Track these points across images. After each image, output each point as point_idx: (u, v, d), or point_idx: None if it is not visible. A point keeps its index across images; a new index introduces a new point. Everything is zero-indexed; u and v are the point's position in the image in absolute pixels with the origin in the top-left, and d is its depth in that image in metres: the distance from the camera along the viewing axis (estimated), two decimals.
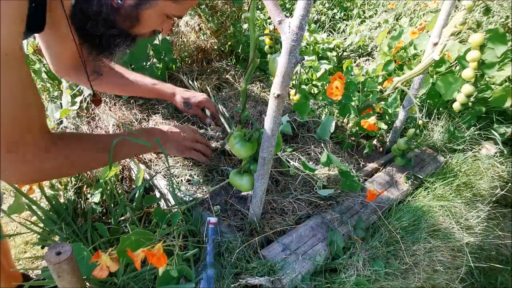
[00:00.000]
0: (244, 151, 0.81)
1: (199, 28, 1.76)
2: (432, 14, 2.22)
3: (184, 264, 0.76)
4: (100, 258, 0.61)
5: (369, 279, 0.88)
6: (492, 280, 1.30)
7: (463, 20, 0.91)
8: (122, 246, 0.69)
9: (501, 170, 1.34)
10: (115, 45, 0.72)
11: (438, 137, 1.41)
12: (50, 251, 0.50)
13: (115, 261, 0.63)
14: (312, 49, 2.12)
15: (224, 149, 1.19)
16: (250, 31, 0.70)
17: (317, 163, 1.21)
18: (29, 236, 1.15)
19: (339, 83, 1.09)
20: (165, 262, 0.65)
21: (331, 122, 1.31)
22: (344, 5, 3.11)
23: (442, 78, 1.40)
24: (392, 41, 1.75)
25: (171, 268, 0.69)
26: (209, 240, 0.83)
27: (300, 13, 0.54)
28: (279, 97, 0.65)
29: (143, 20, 0.68)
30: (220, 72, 1.73)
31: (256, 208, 0.88)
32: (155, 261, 0.64)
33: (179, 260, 0.73)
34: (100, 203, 1.06)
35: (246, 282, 0.77)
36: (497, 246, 1.25)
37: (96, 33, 0.68)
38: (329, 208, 1.03)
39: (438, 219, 1.11)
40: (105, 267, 0.61)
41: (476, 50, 0.98)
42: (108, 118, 1.26)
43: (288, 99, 1.52)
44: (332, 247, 0.92)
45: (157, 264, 0.64)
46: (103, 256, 0.61)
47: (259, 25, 2.35)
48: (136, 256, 0.63)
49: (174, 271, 0.69)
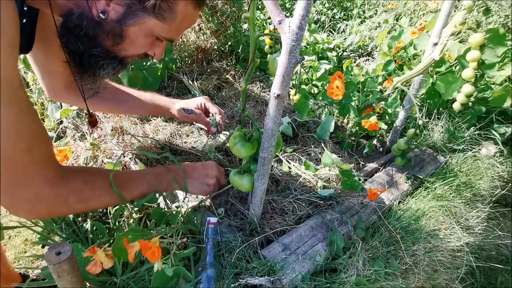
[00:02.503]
0: (244, 151, 0.81)
1: (199, 28, 1.77)
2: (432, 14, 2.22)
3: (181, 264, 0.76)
4: (95, 253, 0.61)
5: (369, 279, 0.88)
6: (492, 280, 1.30)
7: (463, 20, 0.91)
8: (118, 244, 0.69)
9: (501, 170, 1.34)
10: (98, 67, 0.65)
11: (438, 137, 1.41)
12: (50, 251, 0.50)
13: (109, 258, 0.62)
14: (312, 49, 2.12)
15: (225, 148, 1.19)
16: (250, 31, 0.70)
17: (317, 163, 1.21)
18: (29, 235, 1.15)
19: (340, 83, 1.09)
20: (159, 257, 0.64)
21: (331, 122, 1.31)
22: (344, 5, 3.12)
23: (442, 78, 1.40)
24: (392, 41, 1.75)
25: (166, 267, 0.69)
26: (209, 240, 0.83)
27: (300, 13, 0.54)
28: (279, 97, 0.65)
29: (127, 38, 0.62)
30: (220, 72, 1.73)
31: (256, 208, 0.88)
32: (149, 254, 0.63)
33: (176, 259, 0.72)
34: None
35: (246, 282, 0.77)
36: (497, 246, 1.25)
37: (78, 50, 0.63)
38: (329, 208, 1.03)
39: (438, 219, 1.11)
40: (99, 262, 0.61)
41: (476, 50, 0.98)
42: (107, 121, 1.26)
43: (288, 99, 1.52)
44: (332, 247, 0.92)
45: (151, 258, 0.63)
46: (98, 252, 0.61)
47: (259, 25, 2.35)
48: (131, 248, 0.63)
49: (169, 270, 0.69)
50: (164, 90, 1.54)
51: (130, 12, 0.59)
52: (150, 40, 0.65)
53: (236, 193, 1.04)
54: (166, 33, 0.65)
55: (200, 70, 1.70)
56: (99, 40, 0.62)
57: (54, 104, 1.30)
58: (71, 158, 1.11)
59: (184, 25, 0.67)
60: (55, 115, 1.28)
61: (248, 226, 0.92)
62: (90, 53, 0.63)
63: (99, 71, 0.66)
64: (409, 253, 0.98)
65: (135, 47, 0.66)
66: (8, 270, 0.87)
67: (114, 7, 0.58)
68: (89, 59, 0.64)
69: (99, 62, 0.65)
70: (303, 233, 0.93)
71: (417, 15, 2.44)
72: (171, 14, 0.61)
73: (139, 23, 0.60)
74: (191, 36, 1.74)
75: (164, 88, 1.56)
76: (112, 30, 0.60)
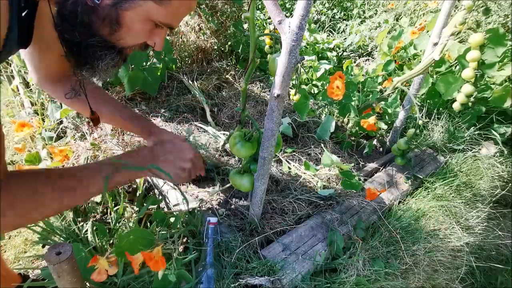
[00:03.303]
0: (244, 151, 0.81)
1: (199, 28, 1.76)
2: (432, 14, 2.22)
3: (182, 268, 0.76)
4: (98, 263, 0.60)
5: (369, 279, 0.88)
6: (492, 280, 1.30)
7: (463, 20, 0.91)
8: (120, 244, 0.69)
9: (501, 170, 1.34)
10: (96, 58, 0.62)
11: (438, 137, 1.41)
12: (50, 251, 0.50)
13: (113, 264, 0.62)
14: (312, 49, 2.12)
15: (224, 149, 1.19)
16: (250, 31, 0.70)
17: (317, 163, 1.21)
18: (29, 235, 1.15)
19: (340, 83, 1.09)
20: (163, 266, 0.64)
21: (331, 122, 1.31)
22: (344, 5, 3.12)
23: (442, 78, 1.40)
24: (392, 41, 1.75)
25: (169, 273, 0.69)
26: (209, 240, 0.83)
27: (300, 13, 0.54)
28: (279, 97, 0.65)
29: (124, 24, 0.59)
30: (220, 72, 1.73)
31: (256, 208, 0.88)
32: (152, 264, 0.63)
33: (178, 264, 0.72)
34: (101, 203, 1.06)
35: (246, 282, 0.77)
36: (497, 246, 1.25)
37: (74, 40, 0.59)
38: (329, 208, 1.03)
39: (438, 219, 1.11)
40: (103, 270, 0.61)
41: (476, 50, 0.98)
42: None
43: (288, 99, 1.52)
44: (332, 247, 0.92)
45: (154, 268, 0.63)
46: (100, 260, 0.61)
47: (259, 25, 2.35)
48: (135, 259, 0.63)
49: (172, 276, 0.68)
50: (164, 90, 1.54)
51: None
52: (148, 27, 0.63)
53: (236, 193, 1.04)
54: (163, 17, 0.62)
55: (200, 70, 1.70)
56: (95, 28, 0.59)
57: (54, 104, 1.30)
58: (72, 158, 1.11)
59: (181, 10, 0.64)
60: (55, 115, 1.28)
61: (248, 226, 0.92)
62: (87, 43, 0.60)
63: (98, 62, 0.63)
64: (409, 253, 0.98)
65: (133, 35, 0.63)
66: (7, 271, 0.87)
67: None
68: (86, 50, 0.61)
69: (97, 52, 0.62)
70: (303, 233, 0.93)
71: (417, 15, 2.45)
72: None
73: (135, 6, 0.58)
74: (191, 36, 1.74)
75: (164, 88, 1.56)
76: (108, 15, 0.58)
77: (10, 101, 1.62)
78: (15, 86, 1.58)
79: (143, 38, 0.65)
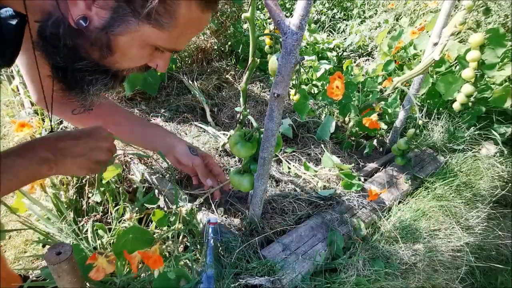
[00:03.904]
0: (244, 151, 0.81)
1: None
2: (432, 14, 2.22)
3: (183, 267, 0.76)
4: (97, 260, 0.61)
5: (369, 279, 0.88)
6: (492, 280, 1.30)
7: (463, 20, 0.91)
8: (119, 243, 0.69)
9: (501, 170, 1.34)
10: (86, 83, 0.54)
11: (438, 137, 1.41)
12: (50, 251, 0.50)
13: (112, 263, 0.62)
14: (312, 49, 2.12)
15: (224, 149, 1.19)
16: (250, 31, 0.70)
17: (317, 164, 1.21)
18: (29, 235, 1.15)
19: (340, 83, 1.09)
20: (161, 264, 0.64)
21: (331, 122, 1.31)
22: (344, 5, 3.12)
23: (442, 78, 1.40)
24: (392, 41, 1.75)
25: (169, 270, 0.69)
26: (209, 240, 0.83)
27: (300, 13, 0.54)
28: (279, 97, 0.65)
29: (117, 49, 0.51)
30: (220, 72, 1.73)
31: (256, 208, 0.88)
32: (151, 263, 0.63)
33: (177, 262, 0.72)
34: (101, 202, 1.06)
35: (246, 282, 0.77)
36: (497, 246, 1.25)
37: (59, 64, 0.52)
38: (329, 208, 1.03)
39: (438, 219, 1.11)
40: (102, 268, 0.61)
41: (476, 50, 0.98)
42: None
43: (288, 99, 1.52)
44: (332, 247, 0.92)
45: (152, 266, 0.64)
46: (99, 258, 0.61)
47: (259, 25, 2.35)
48: (132, 258, 0.63)
49: (171, 273, 0.69)
50: (164, 90, 1.54)
51: (117, 17, 0.47)
52: (147, 51, 0.54)
53: (236, 193, 1.04)
54: (165, 43, 0.52)
55: (200, 70, 1.70)
56: (83, 52, 0.51)
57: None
58: None
59: (189, 31, 0.54)
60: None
61: (248, 226, 0.92)
62: (74, 67, 0.52)
63: (88, 88, 0.55)
64: (409, 253, 0.98)
65: (130, 60, 0.54)
66: (8, 272, 0.87)
67: (97, 12, 0.47)
68: (74, 74, 0.53)
69: (86, 77, 0.54)
70: (303, 233, 0.93)
71: (417, 15, 2.45)
72: (169, 19, 0.49)
73: (130, 31, 0.48)
74: None
75: (164, 88, 1.56)
76: (97, 40, 0.49)
77: (10, 101, 1.62)
78: (15, 86, 1.58)
79: (142, 61, 0.57)
